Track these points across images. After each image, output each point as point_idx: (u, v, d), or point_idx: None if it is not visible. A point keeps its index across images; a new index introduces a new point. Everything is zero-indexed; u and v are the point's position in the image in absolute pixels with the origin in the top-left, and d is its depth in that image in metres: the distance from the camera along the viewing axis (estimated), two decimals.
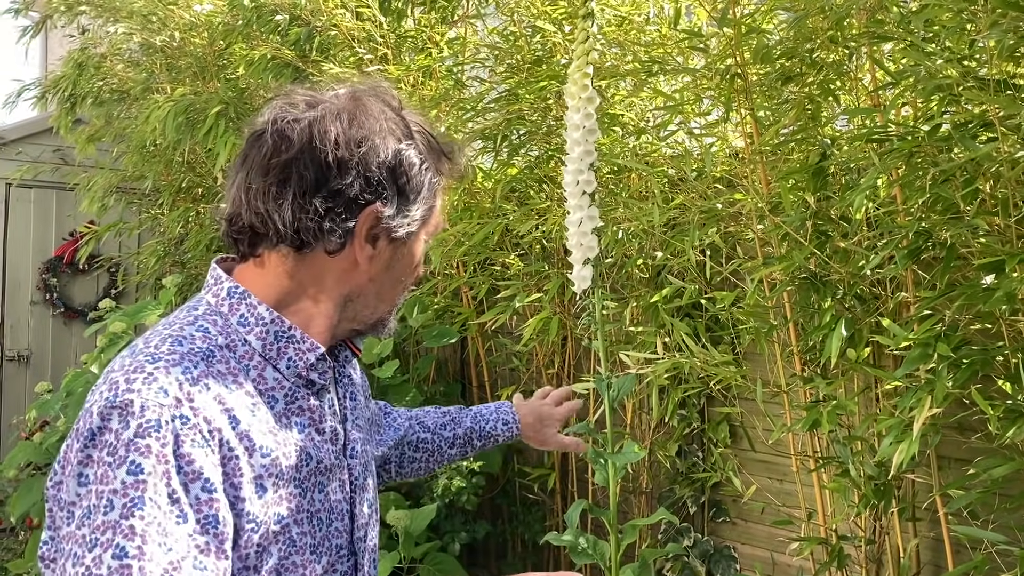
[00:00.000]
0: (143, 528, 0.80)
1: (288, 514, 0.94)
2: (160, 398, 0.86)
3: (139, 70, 4.37)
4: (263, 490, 0.91)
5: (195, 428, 0.86)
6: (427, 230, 1.06)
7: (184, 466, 0.84)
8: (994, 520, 2.11)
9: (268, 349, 0.97)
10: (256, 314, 0.98)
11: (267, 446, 0.93)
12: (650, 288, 2.77)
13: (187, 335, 0.94)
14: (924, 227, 1.86)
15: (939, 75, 1.77)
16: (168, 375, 0.88)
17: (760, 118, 2.30)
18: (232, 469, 0.89)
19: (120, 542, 0.79)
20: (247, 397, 0.93)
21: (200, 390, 0.89)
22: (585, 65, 1.68)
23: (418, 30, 3.46)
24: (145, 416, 0.84)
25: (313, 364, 1.00)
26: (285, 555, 0.93)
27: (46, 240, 5.56)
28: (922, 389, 1.78)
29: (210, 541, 0.84)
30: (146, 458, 0.82)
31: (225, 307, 0.98)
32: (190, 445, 0.85)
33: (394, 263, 1.04)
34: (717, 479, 2.91)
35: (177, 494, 0.83)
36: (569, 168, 1.67)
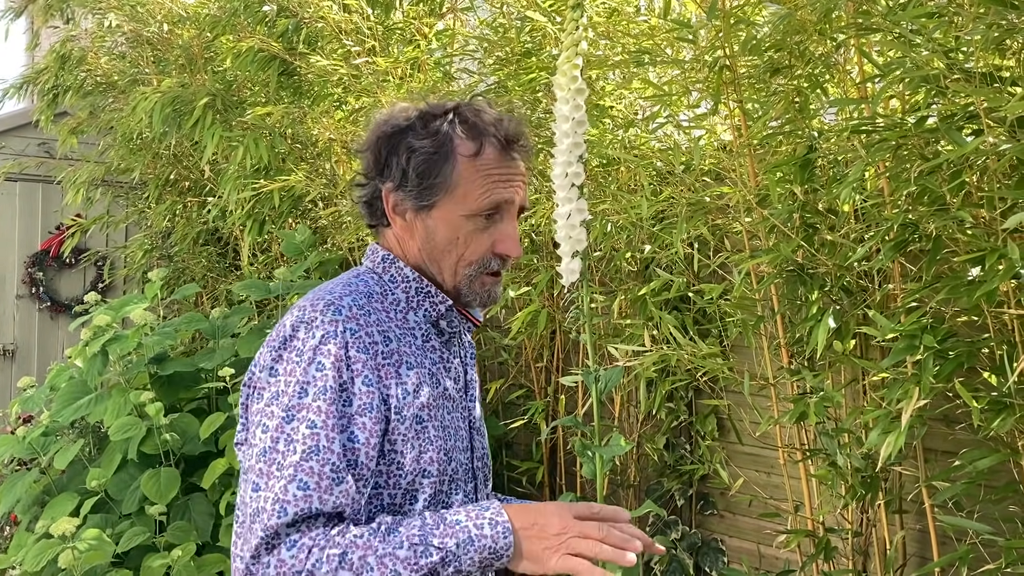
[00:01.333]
0: (328, 407, 1.11)
1: (427, 417, 1.20)
2: (336, 316, 1.16)
3: (125, 62, 4.33)
4: (407, 394, 1.18)
5: (359, 338, 1.15)
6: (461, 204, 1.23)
7: (352, 364, 1.14)
8: (979, 511, 2.12)
9: (411, 300, 1.27)
10: (403, 274, 1.28)
11: (409, 362, 1.20)
12: (638, 281, 2.77)
13: (354, 283, 1.25)
14: (910, 219, 1.86)
15: (926, 67, 1.77)
16: (341, 301, 1.18)
17: (748, 110, 2.30)
18: (384, 373, 1.17)
19: (312, 417, 1.10)
20: (395, 328, 1.22)
21: (364, 313, 1.18)
22: (575, 56, 1.67)
23: (406, 22, 3.45)
24: (325, 327, 1.14)
25: (443, 313, 1.28)
26: (422, 450, 1.19)
27: (32, 234, 5.52)
28: (909, 381, 1.79)
29: (366, 420, 1.13)
30: (327, 358, 1.13)
31: (380, 269, 1.29)
32: (357, 349, 1.14)
33: (433, 233, 1.26)
34: (705, 472, 2.92)
35: (347, 384, 1.13)
36: (558, 160, 1.66)
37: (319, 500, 1.07)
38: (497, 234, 1.26)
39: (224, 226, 4.20)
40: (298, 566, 1.04)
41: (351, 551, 1.06)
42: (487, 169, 1.25)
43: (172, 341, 3.25)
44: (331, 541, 1.06)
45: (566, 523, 1.09)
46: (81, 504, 2.89)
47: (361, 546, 1.06)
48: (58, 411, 3.03)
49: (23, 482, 3.07)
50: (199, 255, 4.63)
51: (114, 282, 5.54)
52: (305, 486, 1.07)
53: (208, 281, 4.60)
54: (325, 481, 1.08)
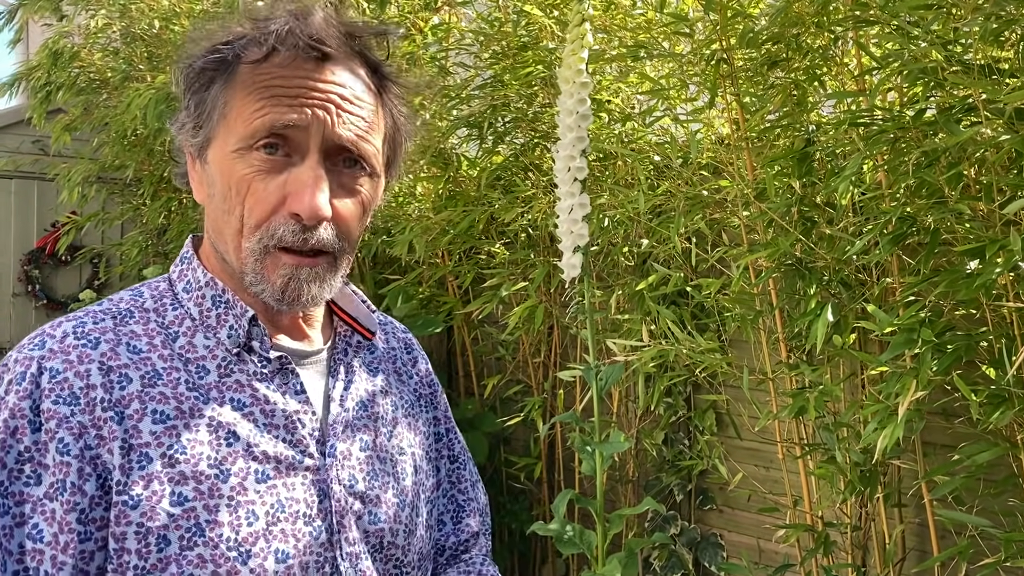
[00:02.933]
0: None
1: (194, 496, 0.79)
2: (35, 351, 0.79)
3: (118, 58, 4.31)
4: (148, 461, 0.78)
5: (62, 383, 0.78)
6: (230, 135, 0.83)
7: (43, 423, 0.76)
8: (978, 505, 2.12)
9: (205, 315, 0.87)
10: (195, 278, 0.89)
11: (165, 413, 0.80)
12: (636, 276, 2.76)
13: (117, 297, 0.88)
14: (908, 212, 1.85)
15: (924, 59, 1.76)
16: (58, 328, 0.82)
17: (746, 104, 2.29)
18: (107, 433, 0.77)
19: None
20: (159, 361, 0.83)
21: (83, 344, 0.80)
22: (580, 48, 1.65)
23: (401, 16, 3.43)
24: (15, 370, 0.79)
25: (249, 330, 0.86)
26: (187, 545, 0.77)
27: (27, 231, 5.50)
28: (907, 374, 1.78)
29: (56, 509, 0.75)
30: (3, 412, 0.76)
31: (175, 273, 0.91)
32: (52, 401, 0.77)
33: (212, 185, 0.86)
34: (703, 467, 2.91)
35: (30, 453, 0.75)
36: (560, 154, 1.65)
37: None
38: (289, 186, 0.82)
39: None
40: None
41: None
42: (268, 80, 0.82)
43: None
44: None
45: None
46: None
47: None
48: None
49: None
50: None
51: (110, 279, 5.52)
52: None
53: None
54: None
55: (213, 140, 0.85)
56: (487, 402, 3.67)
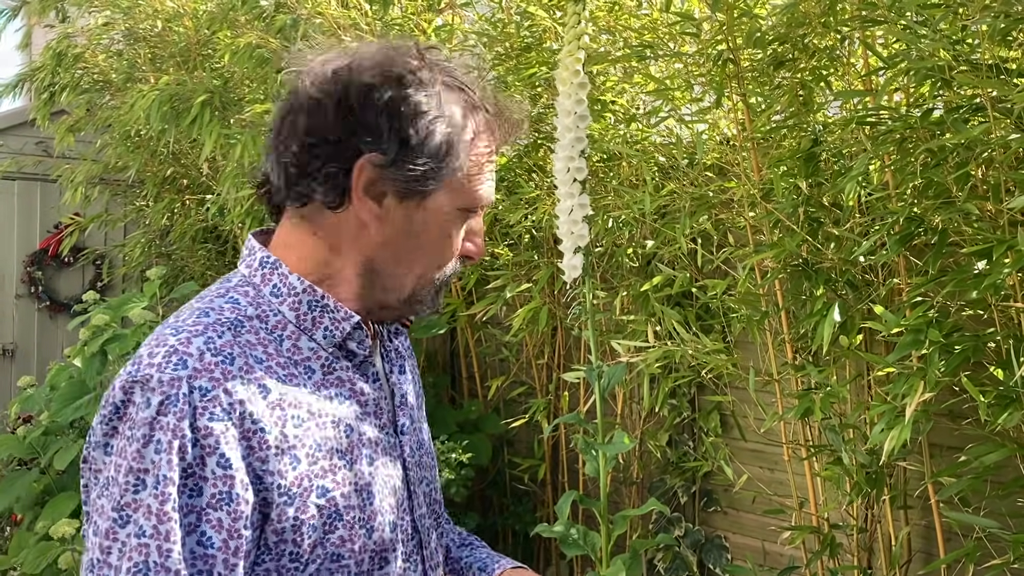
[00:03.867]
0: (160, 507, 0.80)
1: (333, 487, 0.89)
2: (178, 371, 0.83)
3: (121, 59, 4.31)
4: (297, 462, 0.87)
5: (214, 400, 0.83)
6: (458, 196, 0.94)
7: (200, 439, 0.82)
8: (985, 507, 2.11)
9: (302, 319, 0.93)
10: (288, 284, 0.94)
11: (300, 416, 0.89)
12: (640, 277, 2.75)
13: (215, 306, 0.91)
14: (916, 212, 1.85)
15: (931, 59, 1.75)
16: (189, 346, 0.85)
17: (752, 104, 2.28)
18: (258, 443, 0.85)
19: (142, 522, 0.80)
20: (278, 368, 0.89)
21: (222, 360, 0.86)
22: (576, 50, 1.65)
23: (405, 17, 3.42)
24: (163, 390, 0.82)
25: (350, 333, 0.95)
26: (329, 528, 0.89)
27: (31, 233, 5.50)
28: (914, 375, 1.77)
29: (222, 518, 0.82)
30: (164, 434, 0.81)
31: (258, 278, 0.95)
32: (208, 418, 0.83)
33: (413, 227, 0.94)
34: (708, 468, 2.90)
35: (192, 469, 0.82)
36: (560, 155, 1.65)
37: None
38: (469, 233, 0.99)
39: (223, 224, 4.19)
40: None
41: None
42: (488, 154, 0.96)
43: None
44: None
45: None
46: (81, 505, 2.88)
47: None
48: (57, 411, 3.02)
49: (23, 482, 3.05)
50: (197, 253, 4.62)
51: (113, 281, 5.52)
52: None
53: (207, 279, 4.58)
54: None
55: (435, 193, 0.93)
56: (491, 404, 3.66)
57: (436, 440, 3.09)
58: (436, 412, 3.38)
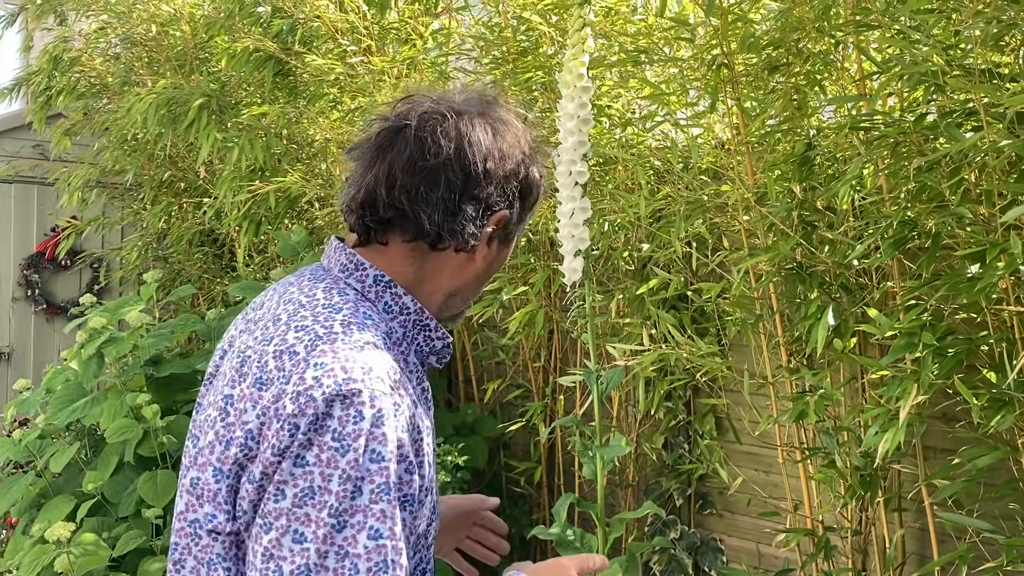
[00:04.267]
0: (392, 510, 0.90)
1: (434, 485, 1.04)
2: (382, 387, 0.92)
3: (118, 63, 4.32)
4: (430, 467, 1.01)
5: (403, 415, 0.94)
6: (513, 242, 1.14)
7: (403, 449, 0.93)
8: (979, 509, 2.12)
9: (408, 335, 1.05)
10: (401, 304, 1.05)
11: (424, 425, 1.01)
12: (636, 280, 2.76)
13: (367, 321, 1.00)
14: (909, 216, 1.86)
15: (924, 63, 1.76)
16: (380, 361, 0.95)
17: (747, 109, 2.29)
18: (418, 449, 0.97)
19: (374, 524, 0.88)
20: (407, 380, 1.01)
21: (400, 378, 0.96)
22: (581, 53, 1.65)
23: (402, 21, 3.43)
24: (376, 406, 0.90)
25: (438, 350, 1.09)
26: (430, 521, 1.02)
27: (27, 236, 5.50)
28: (908, 378, 1.78)
29: (406, 517, 0.94)
30: (384, 446, 0.90)
31: (372, 294, 1.04)
32: (402, 431, 0.93)
33: (495, 262, 1.12)
34: (703, 471, 2.91)
35: (402, 476, 0.93)
36: (562, 158, 1.65)
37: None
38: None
39: (220, 227, 4.19)
40: None
41: None
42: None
43: (168, 343, 3.23)
44: None
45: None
46: (77, 507, 2.88)
47: None
48: (54, 414, 3.02)
49: (19, 485, 3.05)
50: (194, 256, 4.62)
51: (110, 284, 5.51)
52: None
53: (204, 282, 4.58)
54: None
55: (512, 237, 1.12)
56: (487, 407, 3.67)
57: None
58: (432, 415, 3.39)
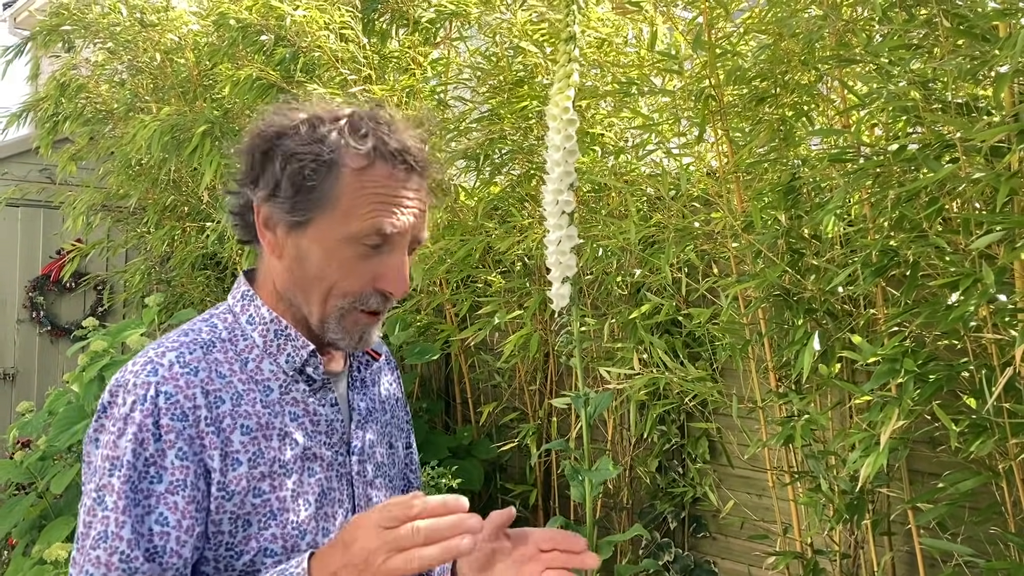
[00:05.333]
0: (121, 486, 0.97)
1: (270, 489, 1.03)
2: (151, 377, 1.00)
3: (123, 90, 4.40)
4: (239, 464, 1.02)
5: (176, 403, 1.00)
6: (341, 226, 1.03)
7: (163, 435, 0.99)
8: (964, 533, 2.15)
9: (269, 345, 1.09)
10: (260, 314, 1.10)
11: (249, 427, 1.04)
12: (629, 305, 2.80)
13: (196, 328, 1.09)
14: (891, 245, 1.90)
15: (904, 98, 1.82)
16: (163, 358, 1.03)
17: (735, 139, 2.35)
18: (208, 443, 1.01)
19: (107, 499, 0.97)
20: (238, 384, 1.05)
21: (188, 372, 1.02)
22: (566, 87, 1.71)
23: (402, 51, 3.50)
24: (136, 392, 1.00)
25: (307, 360, 1.09)
26: (262, 526, 1.02)
27: (33, 258, 5.57)
28: (890, 404, 1.82)
29: (178, 501, 0.98)
30: (132, 427, 0.98)
31: (238, 307, 1.12)
32: (171, 417, 0.99)
33: (305, 256, 1.05)
34: (696, 495, 2.94)
35: (154, 458, 0.98)
36: (549, 188, 1.70)
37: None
38: (381, 267, 1.05)
39: (222, 251, 4.25)
40: None
41: None
42: (375, 188, 1.03)
43: None
44: None
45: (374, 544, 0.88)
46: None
47: None
48: (55, 436, 3.06)
49: (20, 506, 3.09)
50: (197, 279, 4.68)
51: (113, 306, 5.58)
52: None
53: (206, 305, 4.63)
54: (113, 573, 0.95)
55: (314, 222, 1.04)
56: (483, 429, 3.70)
57: (427, 465, 3.13)
58: (429, 438, 3.42)
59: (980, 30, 1.68)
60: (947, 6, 1.66)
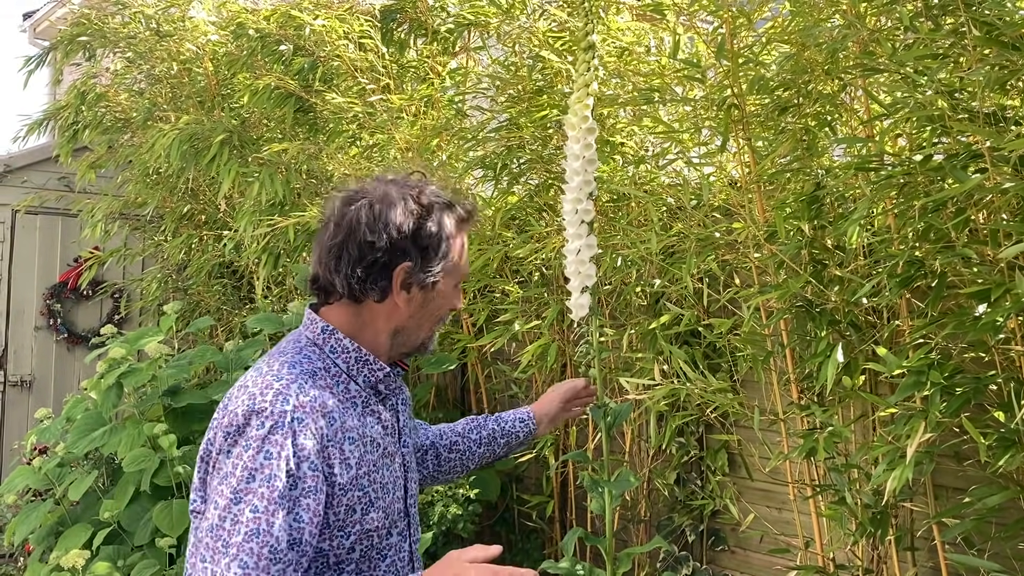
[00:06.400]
0: (270, 494, 1.22)
1: (368, 483, 1.34)
2: (284, 405, 1.27)
3: (142, 99, 4.42)
4: (349, 468, 1.32)
5: (306, 426, 1.27)
6: (453, 277, 1.43)
7: (298, 451, 1.25)
8: (989, 548, 2.11)
9: (351, 369, 1.39)
10: (343, 345, 1.39)
11: (352, 437, 1.33)
12: (648, 315, 2.79)
13: (298, 361, 1.35)
14: (917, 256, 1.88)
15: (930, 107, 1.80)
16: (288, 389, 1.29)
17: (757, 148, 2.33)
18: (329, 454, 1.29)
19: (255, 502, 1.22)
20: (338, 403, 1.34)
21: (309, 399, 1.30)
22: (586, 96, 1.70)
23: (420, 60, 3.51)
24: (275, 418, 1.26)
25: (381, 379, 1.41)
26: (365, 512, 1.33)
27: (51, 266, 5.59)
28: (916, 416, 1.79)
29: (310, 503, 1.26)
30: (275, 447, 1.24)
31: (320, 340, 1.39)
32: (303, 437, 1.26)
33: (428, 303, 1.42)
34: (715, 507, 2.91)
35: (293, 471, 1.25)
36: (568, 197, 1.70)
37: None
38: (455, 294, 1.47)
39: (239, 259, 4.26)
40: None
41: None
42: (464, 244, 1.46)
43: (186, 374, 3.28)
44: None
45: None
46: (94, 536, 2.91)
47: None
48: (73, 442, 3.06)
49: (38, 512, 3.09)
50: (213, 288, 4.69)
51: (130, 314, 5.59)
52: (245, 566, 1.20)
53: (222, 314, 4.64)
54: (263, 562, 1.21)
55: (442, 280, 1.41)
56: None
57: None
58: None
59: (1009, 39, 1.66)
60: (975, 15, 1.64)
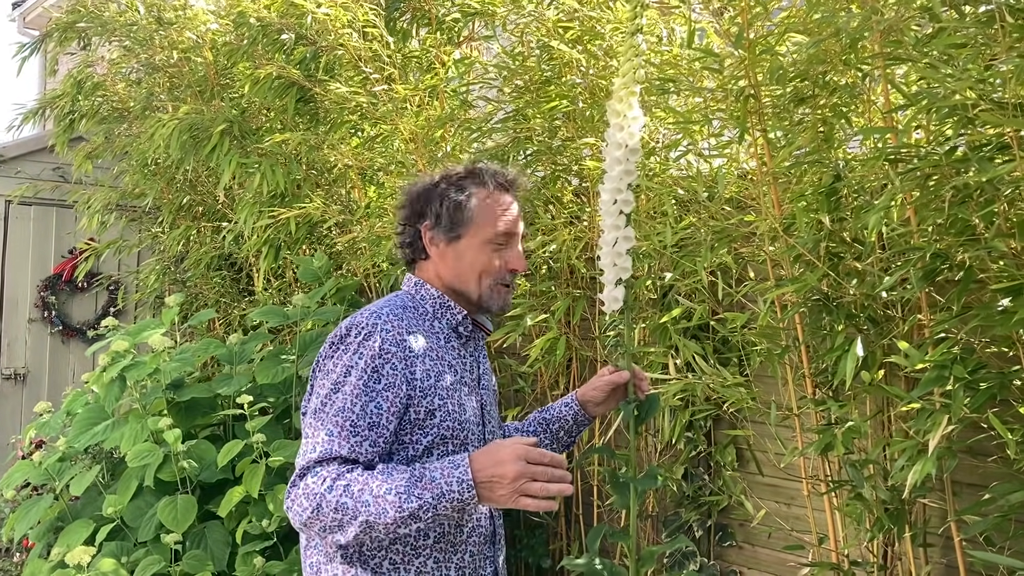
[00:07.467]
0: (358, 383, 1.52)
1: (447, 395, 1.61)
2: (376, 320, 1.58)
3: (140, 88, 4.36)
4: (429, 377, 1.58)
5: (392, 335, 1.57)
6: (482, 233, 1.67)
7: (383, 353, 1.54)
8: (1009, 546, 2.09)
9: (436, 311, 1.69)
10: (429, 293, 1.70)
11: (432, 357, 1.61)
12: (658, 308, 2.75)
13: (392, 300, 1.67)
14: (940, 249, 1.85)
15: (955, 97, 1.77)
16: (381, 311, 1.61)
17: (772, 140, 2.30)
18: (410, 362, 1.57)
19: (347, 390, 1.52)
20: (423, 332, 1.63)
21: (396, 320, 1.60)
22: (632, 83, 1.63)
23: (424, 50, 3.46)
24: (368, 328, 1.56)
25: (460, 321, 1.70)
26: (442, 420, 1.59)
27: (45, 258, 5.53)
28: (938, 411, 1.77)
29: (389, 395, 1.53)
30: (367, 349, 1.54)
31: (413, 290, 1.72)
32: (389, 344, 1.55)
33: (460, 257, 1.68)
34: (724, 503, 2.88)
35: (379, 368, 1.53)
36: (607, 187, 1.63)
37: (338, 445, 1.48)
38: (508, 255, 1.68)
39: (238, 251, 4.21)
40: (316, 488, 1.44)
41: (354, 484, 1.43)
42: (498, 204, 1.68)
43: (190, 367, 3.23)
44: (342, 475, 1.45)
45: (520, 471, 1.39)
46: (96, 531, 2.87)
47: (362, 483, 1.43)
48: (75, 437, 3.01)
49: (38, 508, 3.04)
50: (212, 280, 4.63)
51: (126, 306, 5.54)
52: (330, 434, 1.48)
53: (221, 306, 4.59)
54: (344, 432, 1.48)
55: (464, 235, 1.67)
56: None
57: None
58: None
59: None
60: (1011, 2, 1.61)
